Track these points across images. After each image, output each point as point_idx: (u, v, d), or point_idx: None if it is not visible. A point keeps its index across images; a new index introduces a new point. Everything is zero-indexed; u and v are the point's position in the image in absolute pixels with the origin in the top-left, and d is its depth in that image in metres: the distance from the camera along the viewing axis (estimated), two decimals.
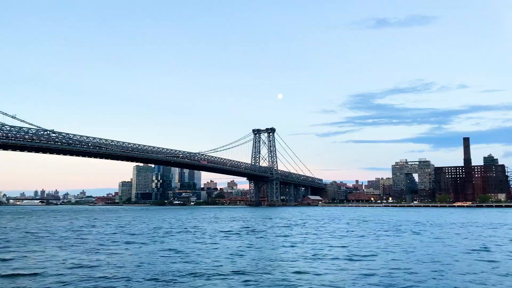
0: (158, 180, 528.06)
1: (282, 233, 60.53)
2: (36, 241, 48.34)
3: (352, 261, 32.88)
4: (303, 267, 30.22)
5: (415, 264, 31.51)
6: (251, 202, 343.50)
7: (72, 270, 28.50)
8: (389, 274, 27.29)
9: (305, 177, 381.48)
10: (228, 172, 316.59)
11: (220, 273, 27.86)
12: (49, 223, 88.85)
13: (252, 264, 31.79)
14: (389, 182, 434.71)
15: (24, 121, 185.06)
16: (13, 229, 68.05)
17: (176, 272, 27.86)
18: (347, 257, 35.31)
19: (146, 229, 69.23)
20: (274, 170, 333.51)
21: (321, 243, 46.87)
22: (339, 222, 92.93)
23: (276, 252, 38.94)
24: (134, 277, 26.20)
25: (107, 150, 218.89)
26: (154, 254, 36.99)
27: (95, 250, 39.78)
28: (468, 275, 26.99)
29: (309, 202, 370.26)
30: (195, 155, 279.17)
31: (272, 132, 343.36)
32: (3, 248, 41.33)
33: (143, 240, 49.84)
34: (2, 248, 41.34)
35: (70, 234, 58.00)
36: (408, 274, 27.31)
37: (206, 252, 38.58)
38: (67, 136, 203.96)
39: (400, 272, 28.00)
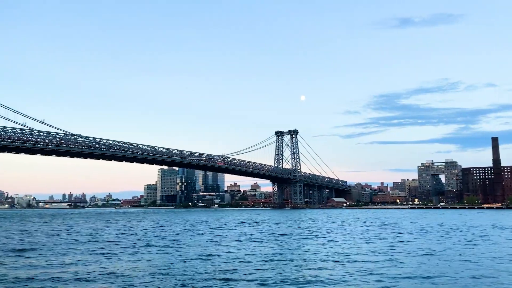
0: (182, 183, 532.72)
1: (310, 236, 59.95)
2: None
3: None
4: (332, 271, 29.76)
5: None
6: (274, 205, 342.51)
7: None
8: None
9: (329, 179, 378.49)
10: (251, 175, 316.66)
11: (248, 278, 27.69)
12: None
13: (280, 269, 31.47)
14: (415, 183, 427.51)
15: (52, 126, 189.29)
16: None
17: (202, 277, 27.83)
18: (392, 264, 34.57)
19: (183, 231, 69.69)
20: (297, 172, 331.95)
21: (351, 247, 46.18)
22: (370, 225, 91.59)
23: (307, 257, 38.47)
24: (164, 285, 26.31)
25: (132, 153, 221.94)
26: (187, 258, 37.11)
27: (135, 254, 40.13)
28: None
29: (333, 204, 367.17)
30: (218, 157, 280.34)
31: (295, 134, 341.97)
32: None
33: (181, 243, 50.11)
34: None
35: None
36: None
37: (234, 256, 38.43)
38: (93, 140, 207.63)
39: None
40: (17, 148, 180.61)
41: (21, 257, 37.78)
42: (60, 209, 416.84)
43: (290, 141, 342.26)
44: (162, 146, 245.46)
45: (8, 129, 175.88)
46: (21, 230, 75.39)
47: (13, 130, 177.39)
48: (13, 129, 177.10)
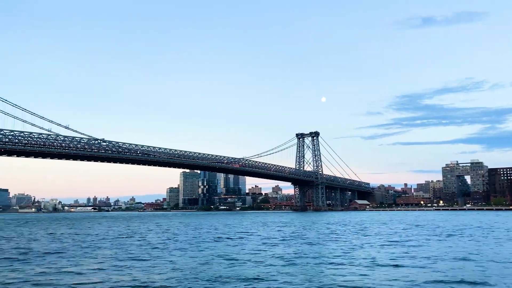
0: (204, 186, 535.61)
1: (334, 239, 59.30)
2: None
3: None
4: (357, 275, 29.27)
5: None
6: (296, 207, 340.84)
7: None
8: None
9: (351, 181, 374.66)
10: (272, 177, 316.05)
11: (271, 282, 27.48)
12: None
13: (304, 273, 31.12)
14: (440, 184, 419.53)
15: (77, 131, 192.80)
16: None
17: (225, 281, 27.73)
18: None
19: (207, 235, 69.97)
20: (319, 175, 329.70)
21: (377, 250, 45.43)
22: (395, 227, 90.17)
23: (331, 260, 37.98)
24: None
25: (154, 157, 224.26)
26: (211, 261, 37.13)
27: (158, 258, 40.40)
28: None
29: (356, 206, 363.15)
30: (239, 160, 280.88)
31: (316, 136, 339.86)
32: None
33: (202, 246, 50.28)
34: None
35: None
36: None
37: (257, 259, 38.23)
38: (117, 144, 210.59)
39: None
40: (43, 153, 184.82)
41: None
42: (85, 213, 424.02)
43: (311, 143, 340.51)
44: (184, 150, 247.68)
45: (35, 134, 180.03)
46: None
47: (39, 135, 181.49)
48: (39, 134, 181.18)
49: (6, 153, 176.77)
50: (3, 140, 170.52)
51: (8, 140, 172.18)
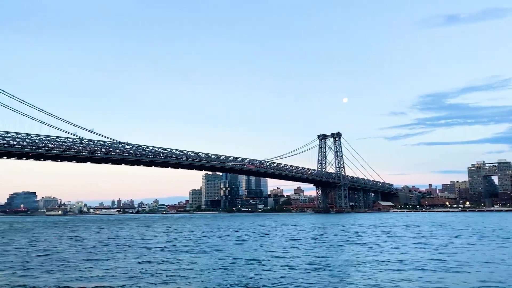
0: (226, 188, 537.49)
1: (358, 241, 58.55)
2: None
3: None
4: (383, 278, 28.82)
5: None
6: (319, 209, 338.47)
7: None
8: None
9: (374, 182, 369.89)
10: (294, 179, 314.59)
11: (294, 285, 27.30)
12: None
13: (328, 276, 30.82)
14: (465, 185, 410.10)
15: (101, 134, 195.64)
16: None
17: (248, 283, 27.67)
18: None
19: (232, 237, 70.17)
20: (341, 176, 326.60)
21: (403, 253, 44.67)
22: (420, 228, 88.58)
23: (355, 263, 37.54)
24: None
25: (177, 159, 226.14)
26: (232, 262, 37.16)
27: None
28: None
29: (380, 208, 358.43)
30: (260, 162, 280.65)
31: (338, 136, 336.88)
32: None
33: (229, 248, 50.41)
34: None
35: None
36: None
37: (280, 261, 38.06)
38: (140, 147, 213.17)
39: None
40: (69, 156, 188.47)
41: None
42: (110, 215, 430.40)
43: (333, 144, 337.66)
44: (206, 152, 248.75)
45: (60, 138, 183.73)
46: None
47: (65, 139, 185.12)
48: (65, 138, 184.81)
49: (34, 157, 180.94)
50: (31, 145, 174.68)
51: (35, 144, 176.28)
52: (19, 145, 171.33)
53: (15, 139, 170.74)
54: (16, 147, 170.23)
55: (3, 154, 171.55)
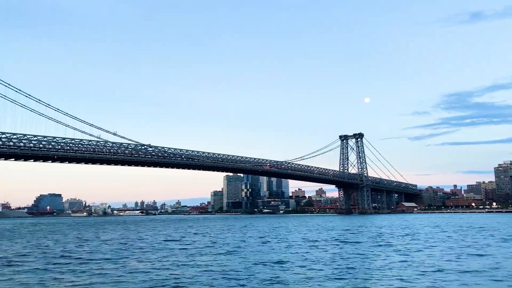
0: (247, 189, 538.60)
1: (382, 243, 57.59)
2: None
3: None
4: (409, 283, 28.19)
5: None
6: (341, 210, 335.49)
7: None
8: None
9: (397, 183, 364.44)
10: (316, 180, 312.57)
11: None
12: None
13: (352, 280, 30.33)
14: (492, 186, 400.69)
15: (124, 137, 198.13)
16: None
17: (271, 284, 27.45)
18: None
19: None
20: (364, 177, 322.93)
21: (428, 256, 43.71)
22: (446, 230, 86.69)
23: (379, 266, 36.90)
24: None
25: (198, 161, 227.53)
26: (255, 264, 37.00)
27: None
28: None
29: (403, 209, 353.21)
30: (282, 163, 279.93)
31: (360, 137, 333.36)
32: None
33: (251, 250, 50.30)
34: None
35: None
36: None
37: (303, 264, 37.70)
38: (162, 149, 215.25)
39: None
40: (93, 159, 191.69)
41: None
42: (134, 217, 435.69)
43: (355, 145, 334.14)
44: (227, 154, 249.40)
45: (85, 141, 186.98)
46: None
47: (89, 142, 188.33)
48: (89, 141, 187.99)
49: (59, 159, 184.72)
50: (56, 147, 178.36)
51: (61, 147, 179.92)
52: (45, 148, 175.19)
53: (41, 142, 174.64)
54: (42, 150, 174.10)
55: (29, 157, 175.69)
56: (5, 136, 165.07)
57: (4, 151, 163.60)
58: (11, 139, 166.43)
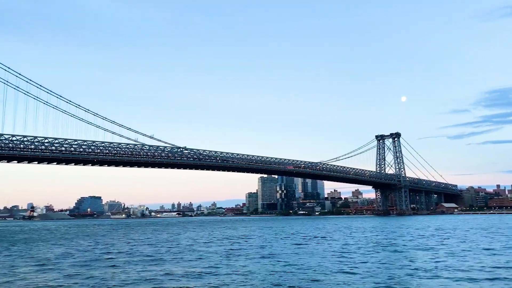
0: (282, 191, 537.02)
1: (424, 246, 55.73)
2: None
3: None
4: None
5: None
6: (378, 212, 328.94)
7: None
8: None
9: (437, 183, 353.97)
10: (352, 181, 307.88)
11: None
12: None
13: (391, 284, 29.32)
14: None
15: (160, 140, 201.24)
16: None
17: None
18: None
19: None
20: (401, 177, 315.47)
21: (478, 260, 41.90)
22: (495, 232, 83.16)
23: (421, 270, 35.61)
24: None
25: (233, 163, 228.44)
26: (290, 266, 36.53)
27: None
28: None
29: (443, 210, 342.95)
30: (317, 164, 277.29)
31: (397, 137, 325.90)
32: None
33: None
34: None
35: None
36: None
37: (339, 268, 36.89)
38: (198, 152, 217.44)
39: None
40: (131, 162, 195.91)
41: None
42: (171, 218, 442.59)
43: (392, 145, 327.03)
44: (261, 155, 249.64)
45: (123, 145, 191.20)
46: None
47: (127, 145, 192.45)
48: (127, 144, 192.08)
49: (98, 163, 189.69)
50: (96, 151, 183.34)
51: (100, 151, 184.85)
52: (85, 152, 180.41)
53: (81, 146, 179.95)
54: (82, 154, 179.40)
55: (70, 161, 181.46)
56: (47, 141, 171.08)
57: (47, 155, 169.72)
58: (53, 144, 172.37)
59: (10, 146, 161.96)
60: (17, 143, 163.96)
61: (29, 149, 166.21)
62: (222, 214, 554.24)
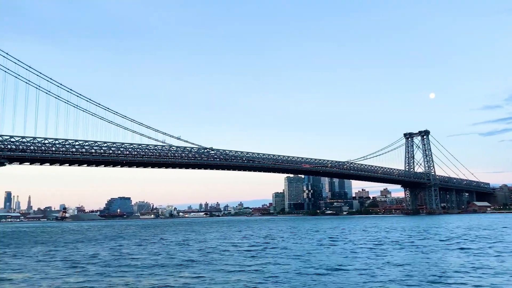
0: (308, 190, 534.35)
1: (458, 246, 54.31)
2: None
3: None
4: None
5: None
6: (407, 211, 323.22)
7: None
8: None
9: (468, 182, 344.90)
10: (380, 180, 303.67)
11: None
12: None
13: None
14: None
15: (187, 141, 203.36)
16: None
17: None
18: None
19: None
20: (431, 176, 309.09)
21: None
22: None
23: (458, 273, 34.81)
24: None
25: (259, 163, 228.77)
26: (320, 267, 36.30)
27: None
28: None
29: (475, 209, 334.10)
30: (343, 163, 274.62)
31: (426, 134, 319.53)
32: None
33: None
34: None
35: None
36: None
37: (369, 271, 36.42)
38: (224, 152, 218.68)
39: None
40: (159, 163, 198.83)
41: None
42: (199, 218, 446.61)
43: (421, 143, 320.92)
44: (287, 155, 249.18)
45: (150, 146, 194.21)
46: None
47: (155, 147, 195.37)
48: (155, 146, 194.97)
49: (127, 164, 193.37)
50: (125, 153, 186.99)
51: (129, 152, 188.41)
52: (114, 153, 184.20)
53: (110, 148, 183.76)
54: (111, 155, 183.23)
55: (100, 163, 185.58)
56: (78, 143, 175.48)
57: (77, 157, 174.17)
58: (83, 146, 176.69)
59: (43, 149, 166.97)
60: (49, 146, 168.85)
61: (60, 151, 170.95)
62: (249, 214, 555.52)
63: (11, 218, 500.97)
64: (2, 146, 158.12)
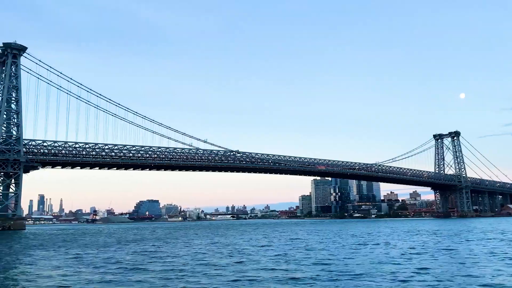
0: (336, 193, 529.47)
1: (498, 253, 52.46)
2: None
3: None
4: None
5: None
6: (438, 214, 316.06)
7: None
8: None
9: (501, 184, 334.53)
10: (409, 182, 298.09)
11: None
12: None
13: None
14: None
15: (214, 144, 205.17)
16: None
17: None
18: None
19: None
20: (462, 178, 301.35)
21: None
22: None
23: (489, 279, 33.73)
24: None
25: (286, 166, 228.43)
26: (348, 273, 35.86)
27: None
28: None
29: (509, 211, 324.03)
30: (372, 166, 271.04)
31: (456, 135, 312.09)
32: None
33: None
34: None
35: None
36: None
37: (394, 276, 35.76)
38: (250, 155, 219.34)
39: None
40: (186, 166, 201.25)
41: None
42: (225, 221, 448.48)
43: (451, 144, 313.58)
44: (314, 157, 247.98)
45: (178, 149, 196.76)
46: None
47: (182, 150, 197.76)
48: (182, 149, 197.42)
49: (155, 167, 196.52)
50: (153, 156, 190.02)
51: (157, 156, 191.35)
52: (142, 157, 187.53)
53: (139, 151, 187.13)
54: (140, 159, 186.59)
55: (129, 166, 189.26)
56: (107, 147, 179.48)
57: (107, 161, 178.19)
58: (112, 150, 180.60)
59: (74, 153, 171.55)
60: (80, 150, 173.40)
61: (90, 155, 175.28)
62: (275, 217, 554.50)
63: (44, 220, 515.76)
64: (35, 151, 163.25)
